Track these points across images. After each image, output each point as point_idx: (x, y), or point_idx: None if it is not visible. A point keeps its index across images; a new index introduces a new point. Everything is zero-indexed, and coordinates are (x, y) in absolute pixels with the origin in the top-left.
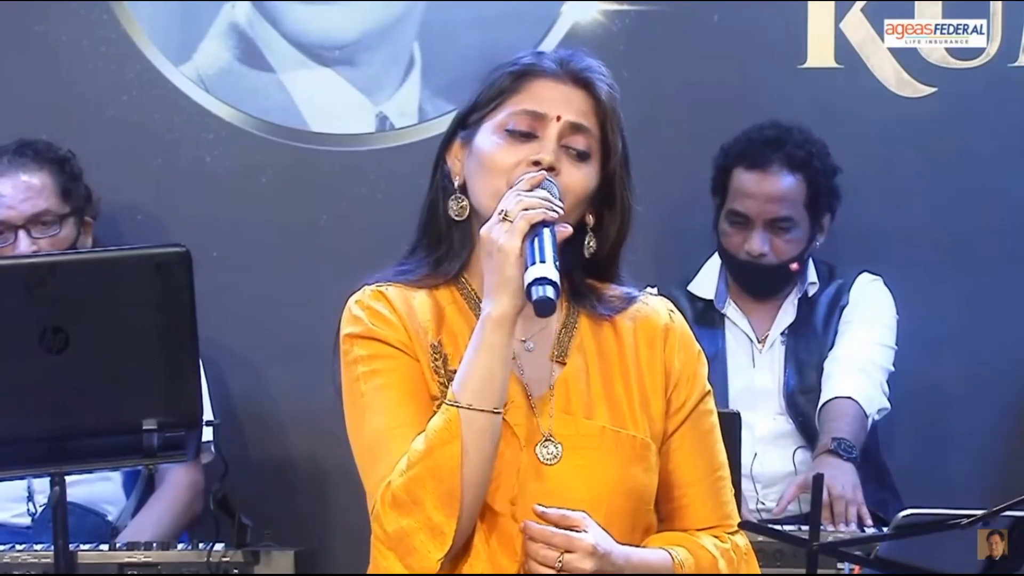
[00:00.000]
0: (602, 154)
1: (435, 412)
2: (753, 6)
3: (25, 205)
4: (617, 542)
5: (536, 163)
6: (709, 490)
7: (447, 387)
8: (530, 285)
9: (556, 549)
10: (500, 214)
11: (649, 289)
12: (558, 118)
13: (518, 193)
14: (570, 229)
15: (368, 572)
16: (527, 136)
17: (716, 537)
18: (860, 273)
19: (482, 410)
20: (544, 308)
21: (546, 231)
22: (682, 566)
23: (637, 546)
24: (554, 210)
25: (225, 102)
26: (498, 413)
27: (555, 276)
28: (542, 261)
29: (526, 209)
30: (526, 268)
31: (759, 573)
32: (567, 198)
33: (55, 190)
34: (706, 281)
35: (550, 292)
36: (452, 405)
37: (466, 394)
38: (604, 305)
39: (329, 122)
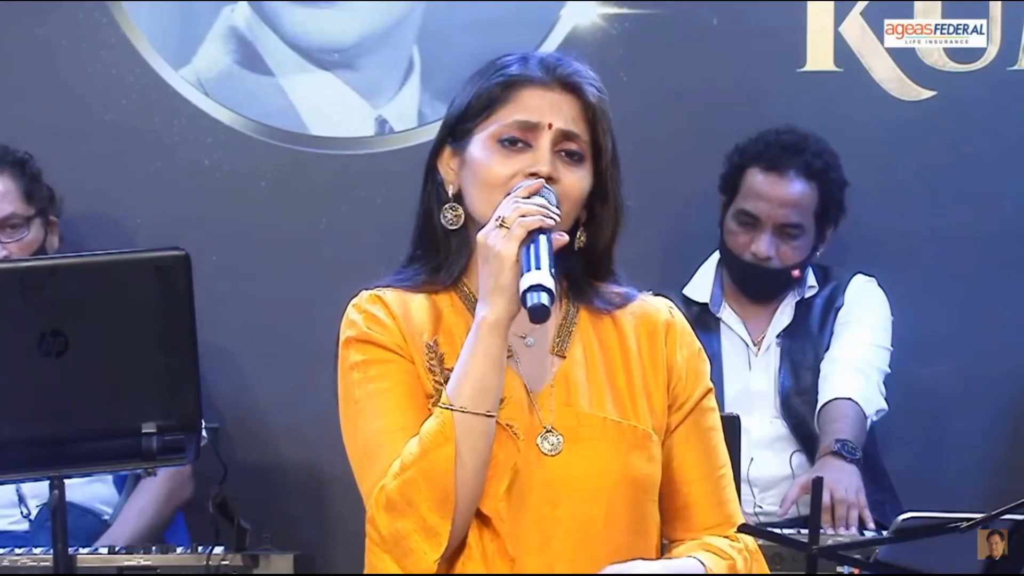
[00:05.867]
0: (593, 155)
1: (430, 412)
2: (752, 9)
3: None
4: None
5: (533, 174)
6: (712, 489)
7: (442, 385)
8: (525, 292)
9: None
10: (497, 220)
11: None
12: (550, 126)
13: (516, 200)
14: (567, 237)
15: (364, 574)
16: (521, 146)
17: (727, 538)
18: (855, 275)
19: (476, 413)
20: (539, 315)
21: (542, 238)
22: (711, 571)
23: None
24: (551, 217)
25: (224, 105)
26: (492, 416)
27: (551, 283)
28: (538, 268)
29: (523, 216)
30: (522, 274)
31: (768, 573)
32: (565, 204)
33: (18, 193)
34: (701, 285)
35: (545, 299)
36: (446, 408)
37: (460, 397)
38: (603, 301)
39: (328, 126)
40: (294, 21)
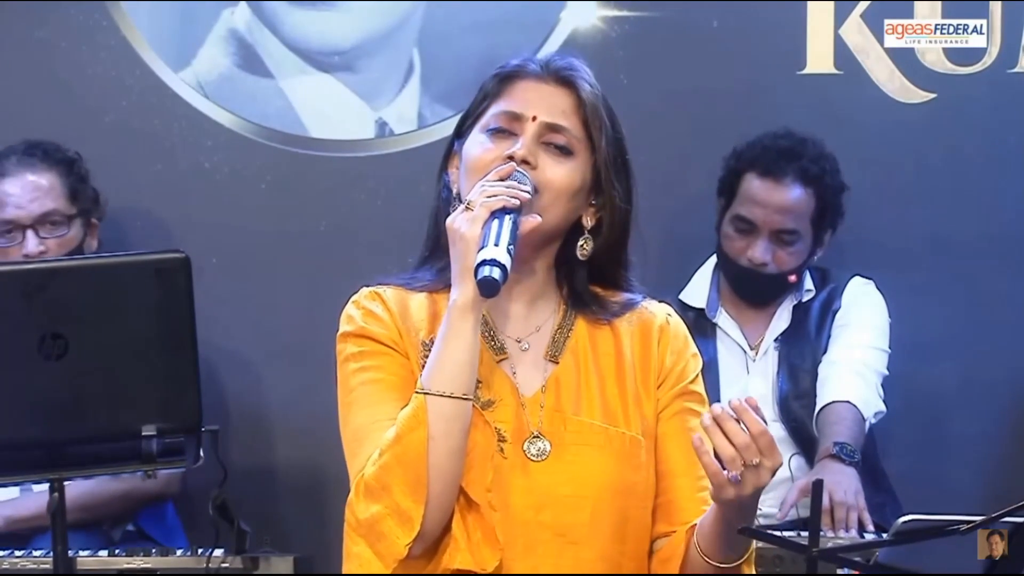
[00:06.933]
0: (589, 151)
1: None
2: (752, 11)
3: (33, 205)
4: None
5: (510, 157)
6: (694, 487)
7: None
8: (477, 266)
9: (757, 447)
10: (464, 204)
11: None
12: (534, 118)
13: (483, 183)
14: (539, 219)
15: (343, 562)
16: (506, 134)
17: None
18: (852, 277)
19: (448, 396)
20: (487, 288)
21: (507, 217)
22: None
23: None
24: (516, 197)
25: (224, 108)
26: (467, 399)
27: (504, 258)
28: (495, 244)
29: (488, 197)
30: (479, 251)
31: (756, 573)
32: (546, 193)
33: (63, 191)
34: (698, 290)
35: (495, 273)
36: (420, 393)
37: (433, 381)
38: (604, 310)
39: (328, 128)
40: (294, 23)
